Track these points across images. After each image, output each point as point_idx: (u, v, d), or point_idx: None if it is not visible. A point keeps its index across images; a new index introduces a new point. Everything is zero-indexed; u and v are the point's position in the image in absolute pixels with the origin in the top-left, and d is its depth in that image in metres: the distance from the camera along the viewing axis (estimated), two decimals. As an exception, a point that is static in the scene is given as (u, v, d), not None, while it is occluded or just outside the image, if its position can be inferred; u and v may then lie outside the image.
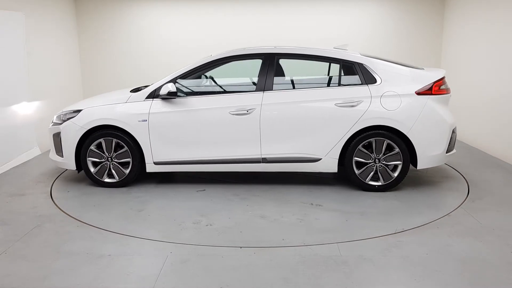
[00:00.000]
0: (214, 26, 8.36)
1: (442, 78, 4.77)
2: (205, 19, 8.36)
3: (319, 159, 4.76)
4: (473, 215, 4.14)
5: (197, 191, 4.93)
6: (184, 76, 4.97)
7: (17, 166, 5.95)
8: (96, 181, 5.05)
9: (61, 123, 5.10)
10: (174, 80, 4.91)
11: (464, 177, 5.27)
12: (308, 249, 3.47)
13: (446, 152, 4.76)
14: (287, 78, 5.17)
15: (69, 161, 5.02)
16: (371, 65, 4.78)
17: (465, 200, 4.55)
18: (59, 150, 5.09)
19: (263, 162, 4.83)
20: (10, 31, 6.12)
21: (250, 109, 4.74)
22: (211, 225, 4.00)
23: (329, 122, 4.70)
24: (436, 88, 4.69)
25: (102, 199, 4.72)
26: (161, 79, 4.98)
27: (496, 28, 6.38)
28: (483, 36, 6.76)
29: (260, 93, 4.80)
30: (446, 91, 4.80)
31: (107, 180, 5.03)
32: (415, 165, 4.74)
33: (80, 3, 8.39)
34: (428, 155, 4.68)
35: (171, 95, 4.79)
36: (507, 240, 3.61)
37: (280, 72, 5.05)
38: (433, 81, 4.70)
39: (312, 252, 3.42)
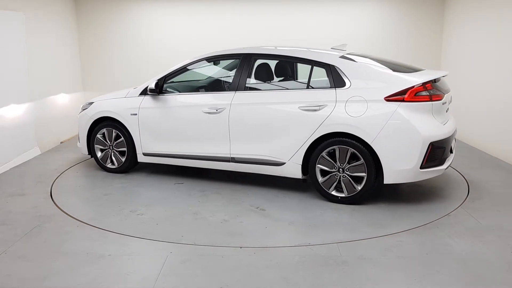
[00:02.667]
0: (214, 26, 8.35)
1: (425, 84, 4.19)
2: (205, 19, 8.36)
3: (283, 163, 4.60)
4: (473, 215, 4.14)
5: (175, 183, 5.17)
6: (171, 75, 5.22)
7: (17, 166, 5.95)
8: (101, 166, 5.69)
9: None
10: (162, 79, 5.18)
11: (464, 177, 5.27)
12: (308, 249, 3.47)
13: (422, 168, 4.17)
14: (262, 79, 4.96)
15: (83, 147, 5.71)
16: (343, 67, 4.43)
17: (465, 200, 4.55)
18: (79, 137, 5.85)
19: (232, 162, 4.88)
20: (10, 31, 6.12)
21: (220, 109, 4.81)
22: (142, 214, 4.25)
23: (292, 126, 4.49)
24: (411, 94, 4.13)
25: (90, 182, 5.38)
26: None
27: (496, 28, 6.38)
28: (483, 36, 6.76)
29: (232, 93, 4.83)
30: (429, 98, 4.18)
31: (109, 166, 5.61)
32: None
33: (80, 2, 8.39)
34: (396, 169, 4.16)
35: (152, 92, 5.16)
36: (507, 240, 3.61)
37: (258, 73, 4.95)
38: (408, 86, 4.15)
39: (312, 252, 3.42)
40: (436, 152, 4.22)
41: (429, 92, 4.21)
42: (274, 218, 4.14)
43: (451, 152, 4.55)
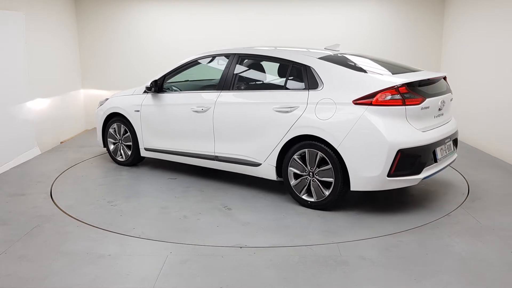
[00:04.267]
0: (214, 26, 8.36)
1: (398, 87, 3.93)
2: (205, 19, 8.37)
3: (259, 164, 4.57)
4: (473, 215, 4.13)
5: (168, 178, 5.38)
6: (169, 74, 5.40)
7: (17, 166, 5.94)
8: (113, 158, 6.03)
9: None
10: (162, 78, 5.37)
11: (464, 177, 5.27)
12: (308, 249, 3.47)
13: (390, 176, 3.92)
14: (245, 78, 5.02)
15: (100, 140, 6.10)
16: (318, 68, 4.28)
17: (465, 200, 4.55)
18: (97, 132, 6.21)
19: (215, 160, 4.95)
20: (10, 31, 6.12)
21: (205, 108, 4.90)
22: (115, 206, 4.49)
23: (266, 127, 4.46)
24: (380, 98, 3.91)
25: (96, 172, 5.72)
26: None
27: (496, 27, 6.38)
28: (483, 35, 6.76)
29: (218, 92, 4.88)
30: (402, 102, 3.92)
31: (119, 158, 5.95)
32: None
33: (80, 2, 8.39)
34: (362, 176, 3.96)
35: (148, 90, 5.42)
36: (507, 240, 3.61)
37: (242, 73, 4.97)
38: (377, 89, 3.94)
39: (312, 252, 3.42)
40: (408, 160, 3.94)
41: (402, 95, 3.94)
42: (233, 218, 4.14)
43: (435, 161, 4.20)
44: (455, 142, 4.66)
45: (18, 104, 6.27)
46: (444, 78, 4.72)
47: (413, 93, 4.02)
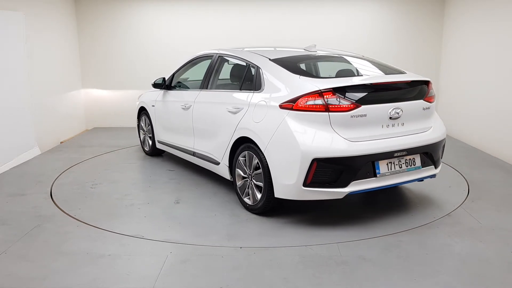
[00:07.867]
0: (213, 26, 8.36)
1: (321, 91, 3.63)
2: (204, 20, 8.37)
3: (219, 163, 4.62)
4: (473, 215, 4.14)
5: (167, 170, 5.74)
6: (175, 73, 5.76)
7: (17, 166, 5.95)
8: (142, 148, 6.65)
9: None
10: (171, 75, 5.74)
11: (464, 177, 5.27)
12: (308, 249, 3.47)
13: (306, 186, 3.65)
14: (218, 79, 5.08)
15: (137, 131, 6.79)
16: (265, 69, 4.18)
17: (465, 200, 4.55)
18: None
19: (194, 156, 5.17)
20: (10, 31, 6.12)
21: (187, 106, 5.18)
22: (92, 188, 4.97)
23: (221, 127, 4.52)
24: (301, 103, 3.67)
25: (118, 158, 6.37)
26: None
27: (496, 27, 6.38)
28: (483, 35, 6.76)
29: (198, 91, 5.13)
30: (325, 108, 3.62)
31: (145, 148, 6.53)
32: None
33: (80, 2, 8.39)
34: (281, 183, 3.76)
35: (153, 87, 5.89)
36: (507, 240, 3.61)
37: (218, 73, 5.06)
38: (301, 93, 3.70)
39: (312, 252, 3.42)
40: (328, 171, 3.62)
41: (325, 101, 3.62)
42: (167, 211, 4.31)
43: (375, 175, 3.74)
44: (430, 156, 4.09)
45: (18, 104, 6.27)
46: (426, 83, 4.18)
47: (342, 98, 3.67)
